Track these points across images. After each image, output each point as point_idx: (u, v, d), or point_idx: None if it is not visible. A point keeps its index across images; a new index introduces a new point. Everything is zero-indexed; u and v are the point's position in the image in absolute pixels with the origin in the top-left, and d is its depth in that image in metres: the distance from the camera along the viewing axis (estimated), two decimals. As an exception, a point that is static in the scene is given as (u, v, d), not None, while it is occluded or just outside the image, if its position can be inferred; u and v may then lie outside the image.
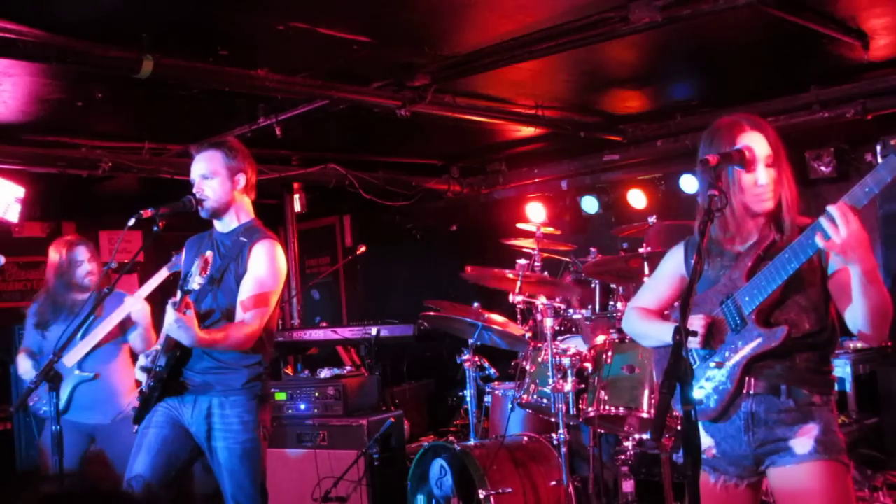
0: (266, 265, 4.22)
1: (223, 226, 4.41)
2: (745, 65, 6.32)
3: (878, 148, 6.13)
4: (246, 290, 4.20)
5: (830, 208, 2.75)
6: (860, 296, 2.85)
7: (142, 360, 4.37)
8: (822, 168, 6.78)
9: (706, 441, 3.14)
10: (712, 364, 3.09)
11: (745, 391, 3.03)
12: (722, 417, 3.08)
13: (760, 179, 3.00)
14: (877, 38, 5.80)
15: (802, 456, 2.96)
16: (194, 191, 4.31)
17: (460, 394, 5.87)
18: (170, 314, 3.90)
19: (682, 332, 2.53)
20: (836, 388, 3.21)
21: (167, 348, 4.24)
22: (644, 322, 3.39)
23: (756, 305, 2.98)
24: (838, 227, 2.73)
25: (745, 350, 3.02)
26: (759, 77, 6.58)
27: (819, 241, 2.77)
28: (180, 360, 4.25)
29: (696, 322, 3.05)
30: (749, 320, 3.01)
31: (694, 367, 3.13)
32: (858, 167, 6.89)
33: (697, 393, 3.09)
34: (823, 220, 2.76)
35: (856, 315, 2.90)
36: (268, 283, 4.22)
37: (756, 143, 3.02)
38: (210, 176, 4.31)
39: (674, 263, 3.35)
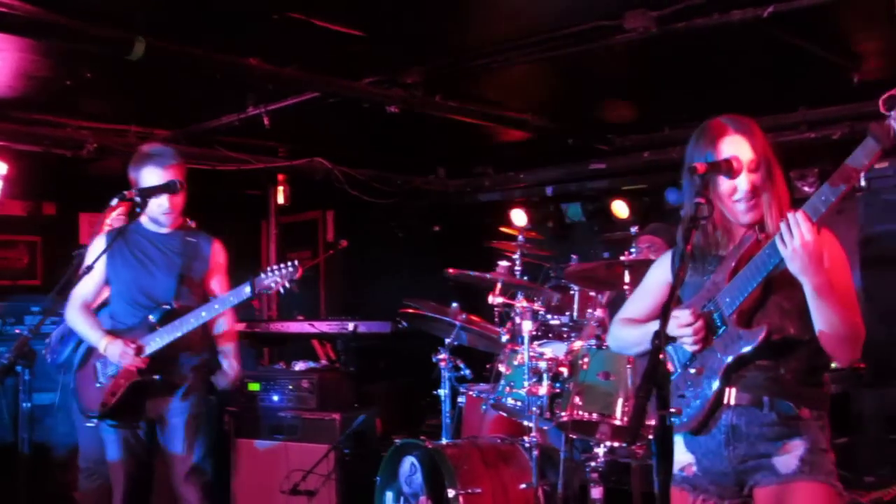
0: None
1: (163, 225, 4.92)
2: (736, 81, 6.36)
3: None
4: (223, 283, 5.02)
5: (789, 215, 2.75)
6: (813, 312, 2.82)
7: None
8: (806, 188, 6.84)
9: (686, 457, 3.07)
10: (692, 370, 3.04)
11: (725, 402, 2.96)
12: (703, 429, 3.00)
13: (740, 186, 2.96)
14: (868, 61, 5.86)
15: (786, 475, 2.88)
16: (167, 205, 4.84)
17: (435, 393, 5.86)
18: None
19: (660, 337, 2.50)
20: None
21: None
22: (631, 329, 3.26)
23: (736, 306, 2.92)
24: (792, 235, 2.73)
25: (725, 353, 2.95)
26: (748, 94, 6.62)
27: (780, 245, 2.77)
28: None
29: (684, 316, 2.97)
30: (729, 322, 2.95)
31: (674, 375, 3.09)
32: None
33: (678, 401, 3.04)
34: (782, 226, 2.76)
35: (815, 327, 2.86)
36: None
37: (739, 147, 2.98)
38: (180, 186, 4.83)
39: (661, 273, 3.27)
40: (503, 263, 5.89)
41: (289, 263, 4.79)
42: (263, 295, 8.86)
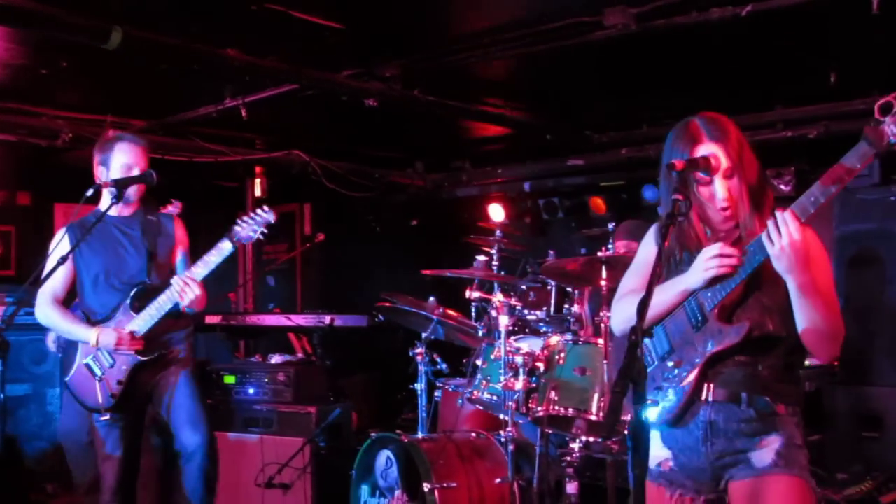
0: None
1: (124, 208, 4.96)
2: (713, 79, 6.39)
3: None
4: (188, 257, 5.04)
5: (777, 213, 2.77)
6: (796, 307, 2.85)
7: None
8: (782, 187, 6.88)
9: (663, 453, 3.07)
10: (671, 363, 3.05)
11: (703, 398, 2.98)
12: (679, 421, 3.02)
13: (718, 193, 2.98)
14: (845, 60, 5.90)
15: (761, 469, 2.91)
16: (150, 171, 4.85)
17: (411, 387, 5.87)
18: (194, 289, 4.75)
19: (637, 332, 2.49)
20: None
21: None
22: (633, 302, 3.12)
23: (718, 302, 2.94)
24: (780, 234, 2.74)
25: (705, 347, 2.97)
26: (725, 92, 6.66)
27: (767, 244, 2.79)
28: None
29: (714, 248, 2.92)
30: (710, 317, 2.96)
31: (652, 367, 3.11)
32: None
33: (654, 393, 3.06)
34: (770, 224, 2.78)
35: (797, 325, 2.90)
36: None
37: (715, 154, 2.99)
38: (142, 167, 4.93)
39: (652, 249, 3.23)
40: (480, 258, 5.90)
41: (263, 209, 4.79)
42: (240, 289, 8.88)
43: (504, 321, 5.34)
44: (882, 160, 5.97)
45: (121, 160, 4.86)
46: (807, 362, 6.04)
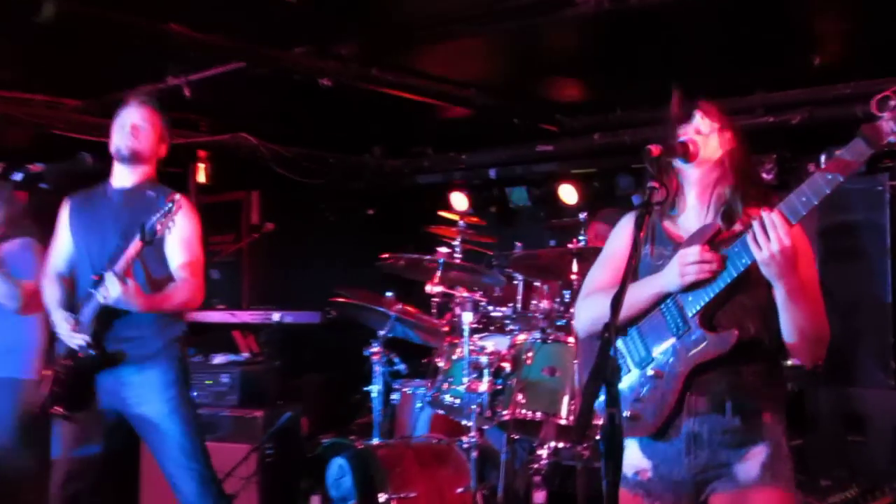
0: (191, 221, 4.55)
1: (127, 178, 4.61)
2: (691, 62, 6.42)
3: (822, 158, 6.27)
4: (180, 245, 4.54)
5: (764, 215, 2.76)
6: (783, 312, 2.88)
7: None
8: (764, 175, 6.95)
9: (642, 462, 3.08)
10: (650, 372, 3.04)
11: (686, 408, 2.98)
12: (661, 435, 3.02)
13: (697, 173, 3.05)
14: (828, 44, 5.96)
15: (746, 482, 2.93)
16: (129, 132, 4.56)
17: (366, 389, 5.86)
18: (114, 285, 4.18)
19: (610, 329, 2.50)
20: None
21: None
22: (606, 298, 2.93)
23: (700, 307, 2.94)
24: (768, 239, 2.75)
25: (689, 356, 2.96)
26: (704, 75, 6.69)
27: (753, 248, 2.79)
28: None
29: (693, 253, 2.92)
30: (692, 323, 2.96)
31: (628, 375, 3.10)
32: (801, 177, 7.04)
33: (633, 405, 3.05)
34: (756, 227, 2.77)
35: (783, 331, 2.92)
36: (196, 239, 4.60)
37: (694, 140, 3.04)
38: (145, 126, 4.60)
39: (624, 239, 3.22)
40: (442, 250, 5.89)
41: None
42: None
43: (468, 318, 5.34)
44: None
45: (131, 117, 4.61)
46: (788, 361, 6.12)
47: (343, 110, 7.82)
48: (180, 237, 4.49)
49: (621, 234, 3.26)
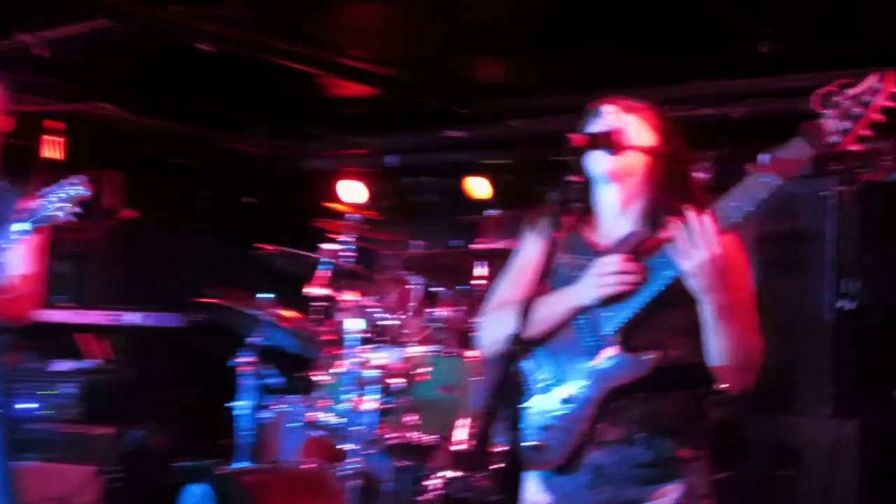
0: None
1: None
2: (623, 42, 6.46)
3: (763, 158, 6.38)
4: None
5: (691, 218, 2.76)
6: (711, 332, 2.87)
7: None
8: (700, 174, 7.04)
9: (541, 497, 3.07)
10: (559, 396, 3.03)
11: (594, 438, 2.97)
12: (566, 468, 3.01)
13: (617, 165, 3.03)
14: (779, 28, 6.04)
15: None
16: None
17: (232, 405, 5.81)
18: None
19: (516, 343, 2.52)
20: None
21: None
22: (509, 315, 2.97)
23: (618, 324, 2.94)
24: (695, 245, 2.74)
25: (602, 380, 2.96)
26: (636, 58, 6.75)
27: (679, 256, 2.79)
28: None
29: (610, 264, 2.94)
30: (608, 342, 2.96)
31: (534, 400, 3.08)
32: (740, 178, 7.14)
33: (539, 434, 3.04)
34: (682, 232, 2.77)
35: (710, 353, 2.92)
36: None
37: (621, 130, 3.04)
38: None
39: (531, 249, 3.23)
40: (330, 247, 5.87)
41: (71, 180, 4.21)
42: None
43: (354, 325, 5.35)
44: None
45: None
46: (715, 387, 6.19)
47: (224, 81, 7.73)
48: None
49: (533, 241, 3.25)
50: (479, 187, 8.76)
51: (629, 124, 3.04)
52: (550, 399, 3.06)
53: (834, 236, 6.01)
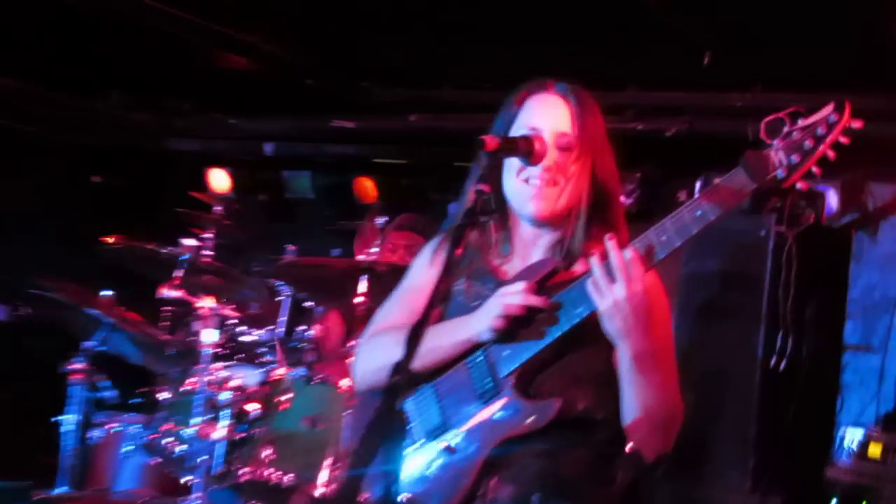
0: None
1: None
2: (550, 36, 6.48)
3: (698, 185, 6.43)
4: None
5: (612, 248, 2.74)
6: (626, 383, 2.86)
7: None
8: (622, 198, 7.08)
9: None
10: (442, 444, 3.01)
11: (480, 495, 2.95)
12: None
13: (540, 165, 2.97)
14: (727, 36, 6.11)
15: None
16: None
17: (57, 420, 5.72)
18: None
19: (400, 373, 2.42)
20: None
21: None
22: (394, 340, 2.92)
23: (517, 366, 2.92)
24: (614, 281, 2.72)
25: (494, 429, 2.93)
26: (564, 56, 6.77)
27: (594, 293, 2.76)
28: None
29: (515, 294, 2.90)
30: (504, 385, 2.94)
31: (415, 446, 3.07)
32: (668, 205, 7.18)
33: (415, 486, 3.02)
34: (596, 266, 2.75)
35: (623, 408, 2.91)
36: None
37: (545, 109, 3.04)
38: None
39: (426, 269, 3.22)
40: (188, 242, 5.81)
41: None
42: None
43: (210, 338, 5.29)
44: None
45: None
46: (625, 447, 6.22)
47: (79, 37, 7.58)
48: None
49: (428, 260, 3.24)
50: (368, 189, 8.74)
51: (555, 123, 3.01)
52: (432, 446, 3.04)
53: (769, 283, 6.09)
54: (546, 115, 3.02)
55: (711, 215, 2.67)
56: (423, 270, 3.22)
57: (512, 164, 3.00)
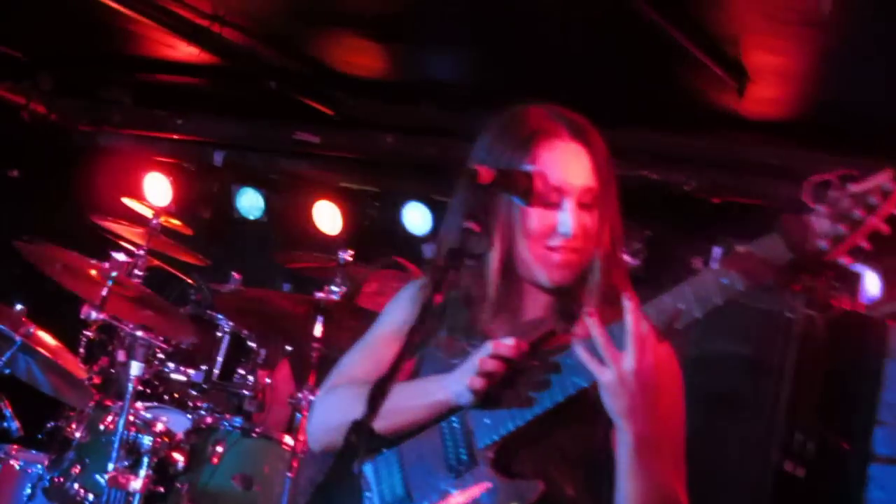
0: None
1: None
2: (563, 60, 6.54)
3: (717, 252, 6.43)
4: None
5: (629, 313, 2.68)
6: (624, 472, 2.80)
7: None
8: (627, 257, 7.08)
9: None
10: None
11: None
12: None
13: (562, 226, 2.93)
14: (759, 83, 6.19)
15: None
16: None
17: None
18: None
19: (360, 432, 2.41)
20: None
21: None
22: (354, 395, 3.02)
23: (498, 438, 2.88)
24: (620, 352, 2.68)
25: None
26: (576, 85, 6.79)
27: (592, 365, 2.71)
28: None
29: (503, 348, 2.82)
30: (481, 459, 2.91)
31: None
32: (679, 271, 7.13)
33: None
34: (596, 331, 2.70)
35: (614, 497, 2.84)
36: None
37: (572, 164, 2.96)
38: None
39: (400, 316, 3.15)
40: (119, 258, 5.81)
41: None
42: None
43: (135, 371, 5.29)
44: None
45: None
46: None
47: (10, 13, 7.63)
48: None
49: (404, 307, 3.20)
50: (327, 217, 8.79)
51: (580, 179, 2.96)
52: None
53: (793, 373, 6.05)
54: (570, 170, 2.95)
55: (739, 286, 2.62)
56: (397, 317, 3.18)
57: (531, 228, 2.94)
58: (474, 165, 2.84)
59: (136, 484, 5.21)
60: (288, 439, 5.21)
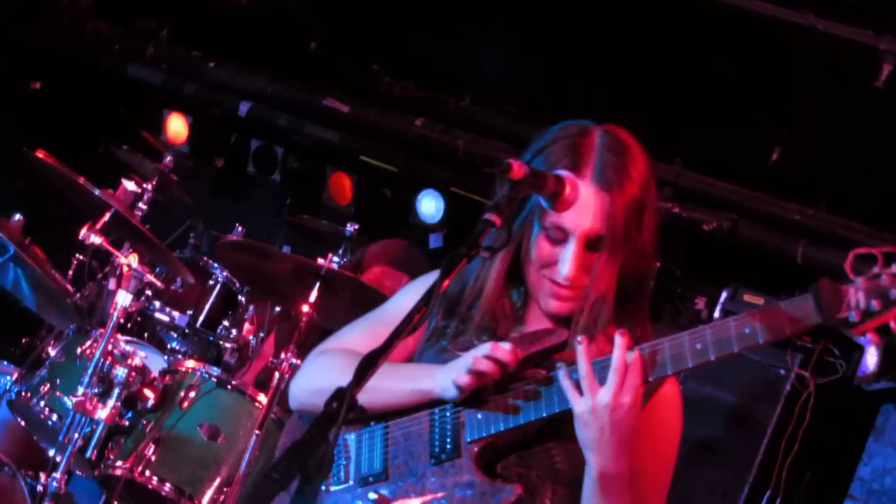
0: None
1: None
2: (618, 74, 6.57)
3: (723, 296, 6.42)
4: None
5: (619, 346, 2.71)
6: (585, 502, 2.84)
7: None
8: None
9: None
10: (372, 496, 3.01)
11: None
12: None
13: (561, 265, 2.94)
14: (797, 137, 6.21)
15: None
16: None
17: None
18: None
19: (343, 398, 2.42)
20: None
21: None
22: (346, 363, 3.01)
23: (486, 435, 2.91)
24: (597, 386, 2.70)
25: (438, 499, 2.93)
26: (622, 104, 6.77)
27: (570, 393, 2.75)
28: None
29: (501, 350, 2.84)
30: (466, 453, 2.94)
31: (338, 485, 3.09)
32: (684, 310, 7.13)
33: None
34: (582, 360, 2.73)
35: None
36: None
37: (582, 205, 2.91)
38: None
39: (410, 301, 2.93)
40: (129, 186, 5.82)
41: None
42: None
43: (123, 300, 5.30)
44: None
45: None
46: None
47: None
48: None
49: (412, 294, 3.15)
50: (343, 189, 8.84)
51: (584, 222, 2.92)
52: (360, 493, 3.05)
53: (772, 430, 6.05)
54: (580, 213, 2.92)
55: (760, 338, 2.62)
56: (408, 301, 2.98)
57: (536, 255, 2.97)
58: (510, 160, 2.82)
59: (103, 413, 5.20)
60: (262, 398, 5.20)
